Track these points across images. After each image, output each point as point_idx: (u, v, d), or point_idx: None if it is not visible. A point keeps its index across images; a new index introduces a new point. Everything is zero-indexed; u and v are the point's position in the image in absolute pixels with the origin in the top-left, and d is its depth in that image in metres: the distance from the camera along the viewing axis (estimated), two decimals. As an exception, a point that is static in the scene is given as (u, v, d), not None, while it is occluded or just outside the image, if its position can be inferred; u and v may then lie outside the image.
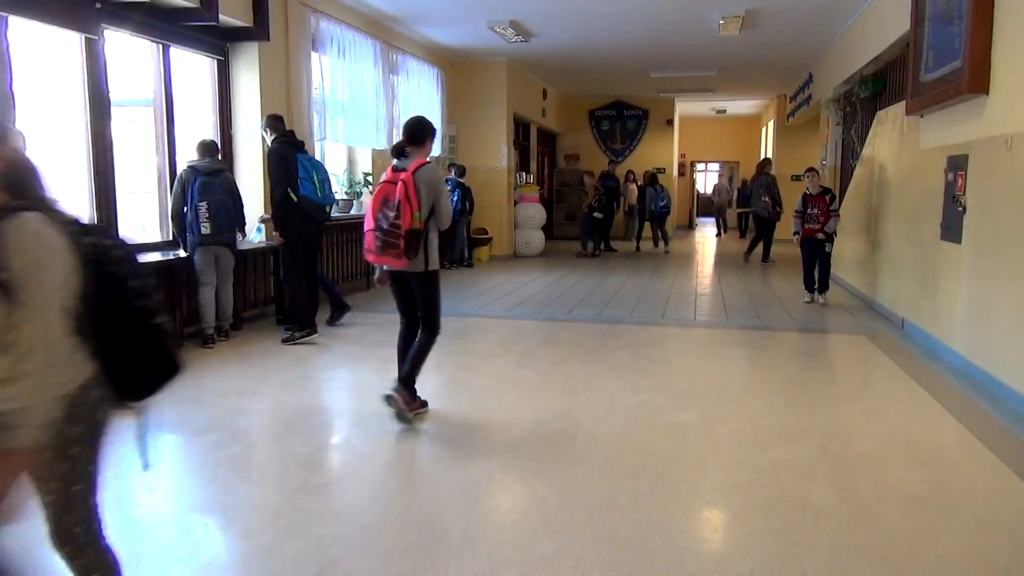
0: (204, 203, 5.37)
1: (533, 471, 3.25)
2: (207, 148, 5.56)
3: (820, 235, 7.40)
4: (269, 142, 5.85)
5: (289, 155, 5.69)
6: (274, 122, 5.88)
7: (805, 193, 7.55)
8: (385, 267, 3.85)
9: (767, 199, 11.20)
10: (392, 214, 3.61)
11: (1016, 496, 3.00)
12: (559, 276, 9.96)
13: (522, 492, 3.06)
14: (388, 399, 3.82)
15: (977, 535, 2.65)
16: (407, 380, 3.88)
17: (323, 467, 3.41)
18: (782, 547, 2.54)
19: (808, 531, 2.66)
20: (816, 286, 7.62)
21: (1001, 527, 2.72)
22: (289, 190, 5.65)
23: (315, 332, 5.81)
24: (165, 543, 2.58)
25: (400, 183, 3.62)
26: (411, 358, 3.89)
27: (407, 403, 3.80)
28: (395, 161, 3.79)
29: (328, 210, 6.08)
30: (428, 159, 3.83)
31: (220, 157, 5.68)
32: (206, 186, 5.38)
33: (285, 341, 5.70)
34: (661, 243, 13.76)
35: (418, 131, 3.82)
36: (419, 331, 3.92)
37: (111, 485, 3.15)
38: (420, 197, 3.64)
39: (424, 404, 4.01)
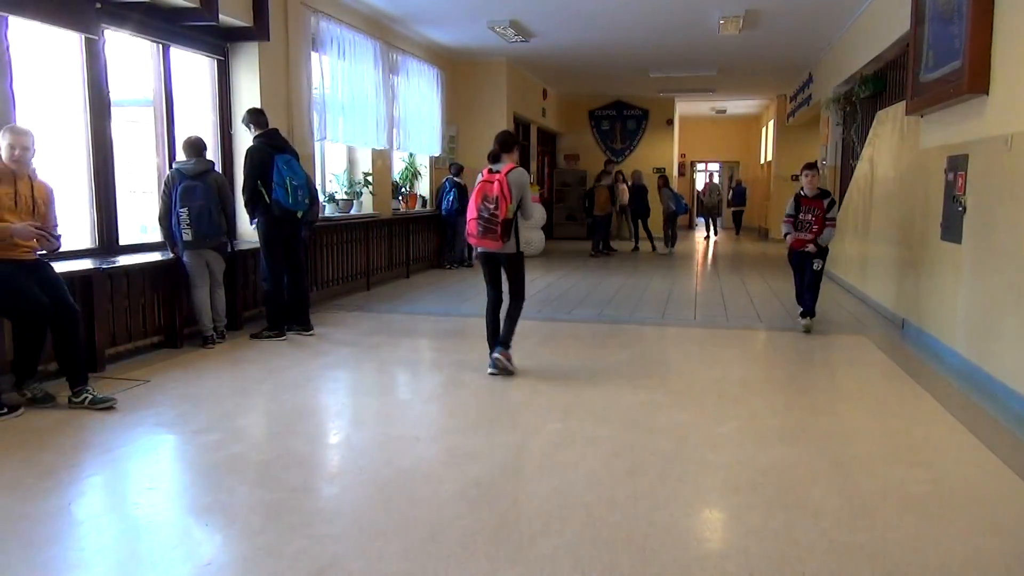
0: (185, 209, 5.28)
1: (533, 470, 3.25)
2: (192, 147, 5.43)
3: (810, 248, 6.13)
4: (252, 138, 5.78)
5: (265, 157, 5.59)
6: (256, 116, 5.79)
7: (798, 194, 6.28)
8: (480, 249, 4.75)
9: None
10: (491, 206, 4.48)
11: (1016, 497, 3.00)
12: (559, 276, 9.96)
13: (522, 492, 3.06)
14: (494, 364, 4.75)
15: (977, 535, 2.65)
16: (506, 341, 4.82)
17: (323, 467, 3.41)
18: (782, 547, 2.54)
19: (808, 531, 2.66)
20: (802, 309, 6.34)
21: (1001, 527, 2.72)
22: (263, 191, 5.60)
23: (283, 336, 5.85)
24: (165, 543, 2.58)
25: (496, 182, 4.50)
26: (507, 324, 4.82)
27: (509, 358, 4.79)
28: (491, 165, 4.66)
29: (300, 216, 5.74)
30: (516, 164, 4.71)
31: (207, 155, 5.54)
32: (187, 191, 5.28)
33: (253, 336, 5.84)
34: (663, 242, 13.76)
35: (508, 141, 4.73)
36: (510, 301, 4.85)
37: (110, 486, 3.16)
38: (512, 193, 4.50)
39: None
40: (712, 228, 17.55)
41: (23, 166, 3.95)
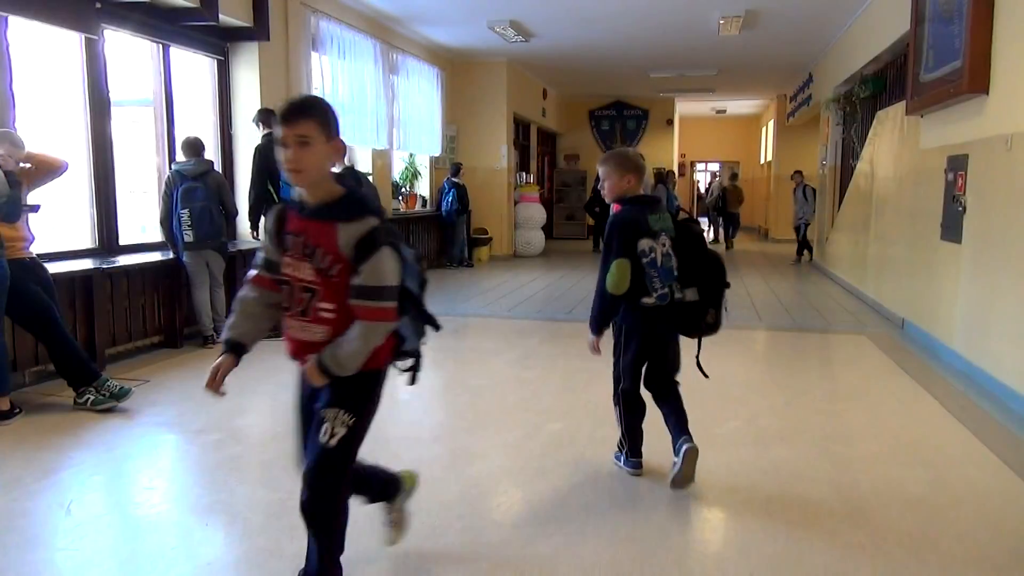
0: (186, 211, 5.27)
1: (533, 471, 3.25)
2: (191, 147, 5.41)
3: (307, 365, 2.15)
4: (260, 136, 5.79)
5: (272, 154, 5.63)
6: (266, 116, 5.80)
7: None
8: None
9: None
10: None
11: (1016, 496, 3.00)
12: (559, 276, 9.96)
13: (522, 492, 3.06)
14: None
15: (977, 535, 2.65)
16: None
17: (323, 467, 3.40)
18: (782, 547, 2.54)
19: (808, 531, 2.66)
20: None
21: (1001, 527, 2.72)
22: (271, 189, 5.60)
23: (281, 335, 5.83)
24: (165, 543, 2.58)
25: None
26: None
27: None
28: None
29: None
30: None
31: (205, 155, 5.52)
32: (188, 193, 5.27)
33: None
34: None
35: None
36: None
37: (110, 486, 3.16)
38: None
39: None
40: (714, 231, 15.43)
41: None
